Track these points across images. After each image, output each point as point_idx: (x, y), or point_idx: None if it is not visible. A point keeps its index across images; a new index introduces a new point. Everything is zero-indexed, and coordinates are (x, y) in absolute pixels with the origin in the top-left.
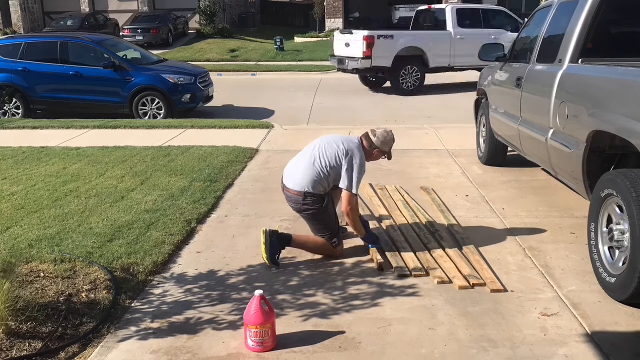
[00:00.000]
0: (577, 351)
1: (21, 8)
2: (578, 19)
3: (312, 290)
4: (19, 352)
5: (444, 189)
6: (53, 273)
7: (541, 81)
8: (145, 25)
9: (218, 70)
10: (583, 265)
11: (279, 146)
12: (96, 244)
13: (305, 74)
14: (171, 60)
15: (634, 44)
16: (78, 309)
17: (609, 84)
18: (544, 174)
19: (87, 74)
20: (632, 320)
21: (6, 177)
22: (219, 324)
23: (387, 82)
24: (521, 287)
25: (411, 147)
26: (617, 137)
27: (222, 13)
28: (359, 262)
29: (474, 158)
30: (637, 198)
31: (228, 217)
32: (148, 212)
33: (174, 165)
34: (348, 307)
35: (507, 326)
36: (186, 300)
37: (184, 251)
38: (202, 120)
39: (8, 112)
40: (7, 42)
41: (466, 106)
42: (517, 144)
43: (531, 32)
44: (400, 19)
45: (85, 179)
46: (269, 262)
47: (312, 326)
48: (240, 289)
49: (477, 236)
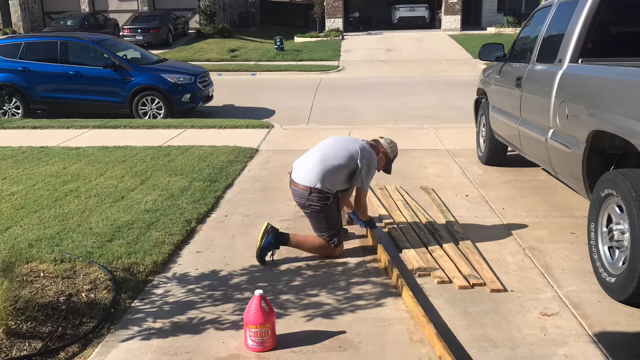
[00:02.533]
0: (577, 351)
1: (21, 8)
2: (578, 19)
3: (313, 290)
4: (19, 352)
5: (444, 189)
6: (53, 273)
7: (541, 81)
8: (145, 25)
9: (218, 70)
10: (583, 265)
11: (279, 146)
12: (96, 244)
13: (305, 74)
14: (171, 60)
15: (634, 44)
16: (78, 309)
17: (609, 84)
18: (544, 174)
19: (87, 74)
20: (632, 320)
21: (6, 177)
22: (219, 324)
23: None
24: (521, 287)
25: (411, 147)
26: (617, 137)
27: (222, 13)
28: (362, 262)
29: (474, 158)
30: (637, 198)
31: (228, 217)
32: (148, 212)
33: (174, 165)
34: (348, 307)
35: (507, 326)
36: (186, 300)
37: (184, 251)
38: (202, 120)
39: (8, 112)
40: (7, 42)
41: (466, 106)
42: (517, 144)
43: (531, 32)
44: (400, 19)
45: (85, 179)
46: (257, 258)
47: (313, 326)
48: (240, 289)
49: (477, 236)
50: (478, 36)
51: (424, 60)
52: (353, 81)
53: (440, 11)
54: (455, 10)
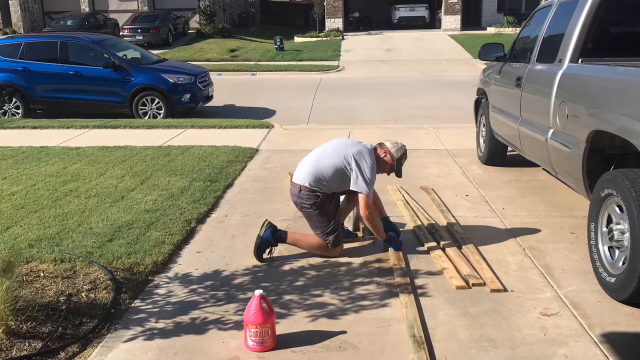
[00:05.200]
0: (577, 351)
1: (21, 8)
2: (578, 19)
3: (313, 290)
4: (19, 352)
5: (444, 189)
6: (53, 273)
7: (541, 81)
8: (145, 25)
9: (218, 70)
10: (583, 265)
11: (279, 146)
12: (96, 244)
13: (305, 74)
14: (171, 60)
15: (634, 44)
16: (78, 309)
17: (609, 84)
18: (544, 174)
19: (87, 74)
20: (632, 320)
21: (6, 177)
22: (219, 324)
23: None
24: (521, 287)
25: (411, 147)
26: (617, 137)
27: (222, 13)
28: (365, 262)
29: (474, 158)
30: (637, 198)
31: (228, 217)
32: (148, 212)
33: (174, 165)
34: (348, 307)
35: (507, 326)
36: (186, 300)
37: (184, 251)
38: (202, 120)
39: (8, 112)
40: (7, 42)
41: (466, 106)
42: (517, 144)
43: (531, 32)
44: (400, 18)
45: (85, 179)
46: (254, 254)
47: (313, 326)
48: (240, 289)
49: (477, 236)
50: (478, 36)
51: (424, 60)
52: (353, 81)
53: (440, 11)
54: (455, 10)
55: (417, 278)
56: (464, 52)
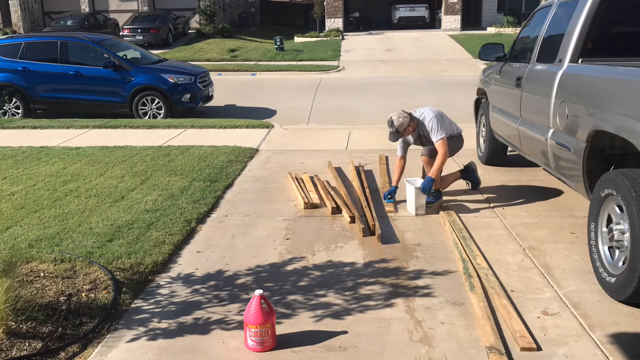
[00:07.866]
0: (577, 351)
1: (21, 8)
2: (578, 19)
3: (313, 290)
4: (19, 352)
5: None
6: (53, 273)
7: (541, 81)
8: (145, 25)
9: (218, 70)
10: (583, 265)
11: (279, 146)
12: (96, 244)
13: (305, 74)
14: (171, 60)
15: (634, 44)
16: (78, 309)
17: (609, 84)
18: (544, 174)
19: (87, 74)
20: (632, 320)
21: (6, 177)
22: (219, 324)
23: None
24: (521, 287)
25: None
26: (617, 137)
27: (222, 13)
28: (369, 262)
29: (474, 158)
30: (637, 198)
31: (228, 217)
32: (148, 212)
33: (174, 165)
34: (348, 306)
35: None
36: (187, 300)
37: (184, 251)
38: (202, 120)
39: (8, 112)
40: (7, 42)
41: (466, 106)
42: (517, 144)
43: (531, 32)
44: (400, 18)
45: (85, 179)
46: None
47: (313, 326)
48: (240, 289)
49: (477, 236)
50: (478, 36)
51: (424, 60)
52: (353, 81)
53: (440, 11)
54: (455, 10)
55: (418, 278)
56: (464, 52)
